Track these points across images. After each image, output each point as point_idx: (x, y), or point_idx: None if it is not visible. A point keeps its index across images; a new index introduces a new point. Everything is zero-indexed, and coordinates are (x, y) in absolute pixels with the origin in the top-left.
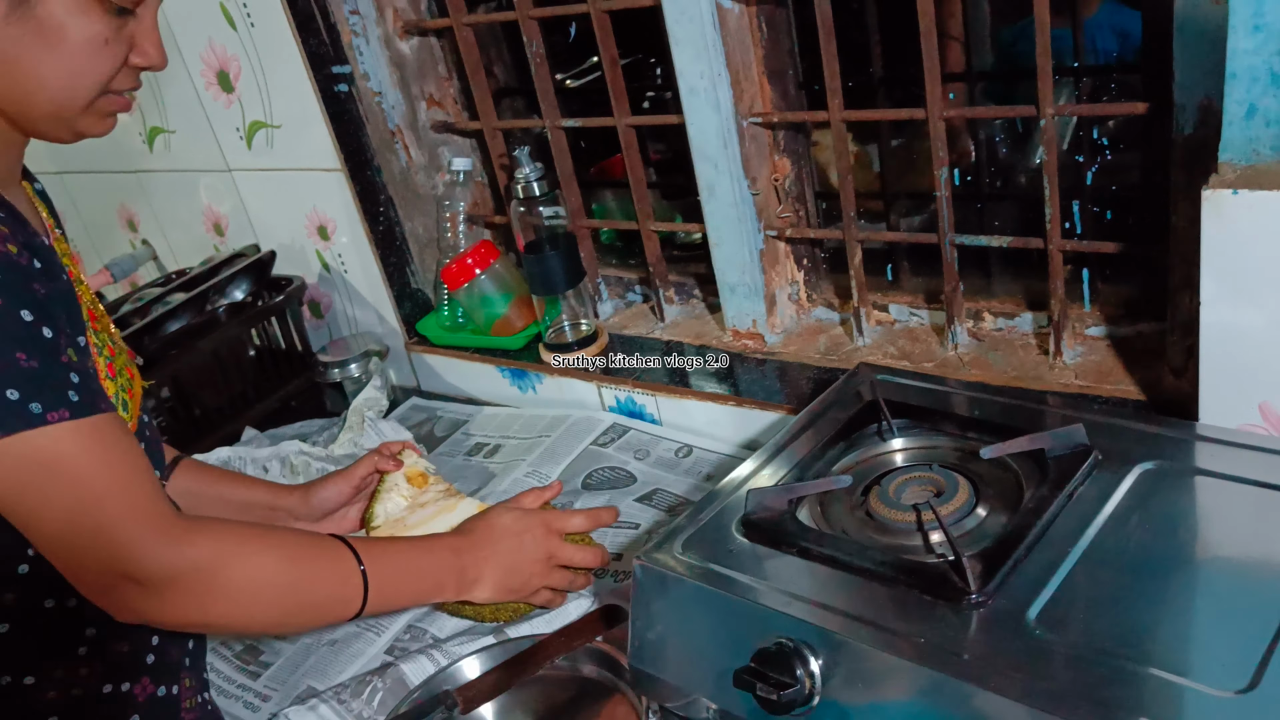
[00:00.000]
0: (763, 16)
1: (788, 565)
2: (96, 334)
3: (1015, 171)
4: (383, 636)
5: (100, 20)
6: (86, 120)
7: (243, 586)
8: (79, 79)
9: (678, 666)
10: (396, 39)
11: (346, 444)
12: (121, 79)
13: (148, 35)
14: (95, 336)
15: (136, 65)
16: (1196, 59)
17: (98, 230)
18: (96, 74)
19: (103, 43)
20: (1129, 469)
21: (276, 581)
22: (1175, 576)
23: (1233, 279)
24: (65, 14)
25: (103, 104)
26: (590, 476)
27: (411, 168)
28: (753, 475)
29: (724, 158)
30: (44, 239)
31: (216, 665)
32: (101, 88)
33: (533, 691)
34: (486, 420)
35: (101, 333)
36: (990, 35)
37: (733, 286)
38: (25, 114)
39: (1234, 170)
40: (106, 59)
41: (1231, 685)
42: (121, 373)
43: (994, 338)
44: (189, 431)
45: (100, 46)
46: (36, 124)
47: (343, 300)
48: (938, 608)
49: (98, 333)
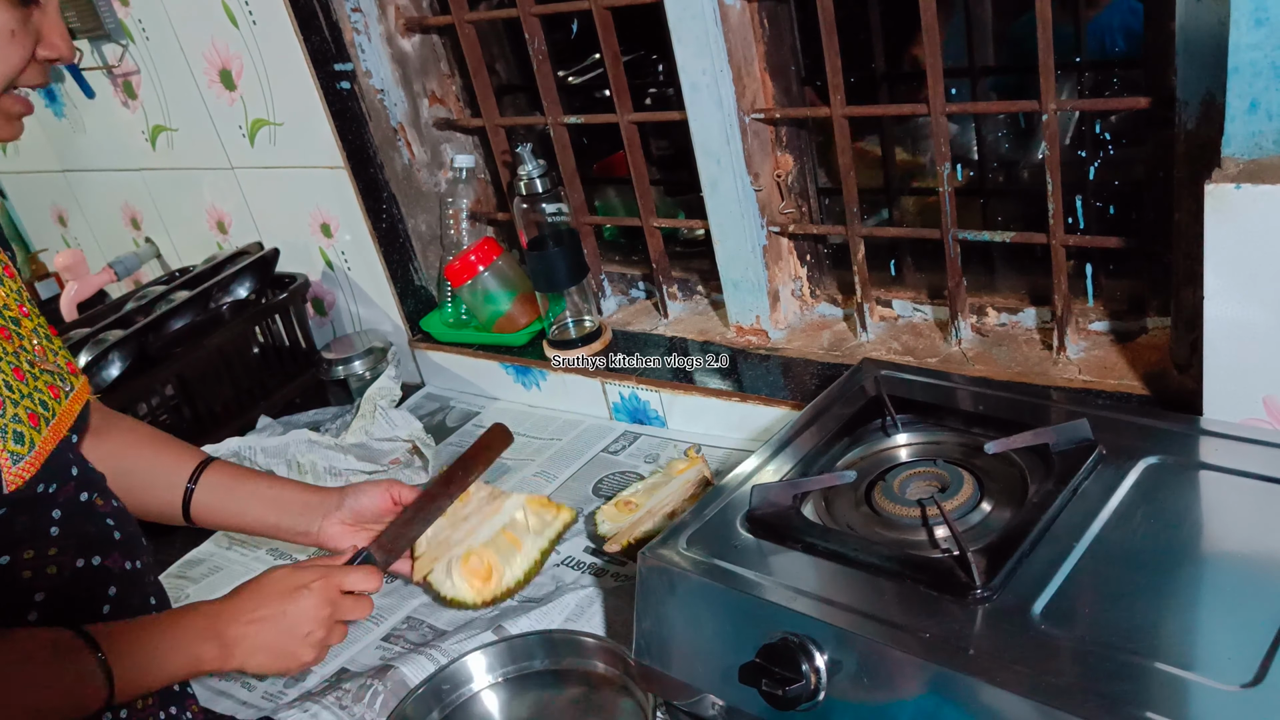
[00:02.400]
0: (764, 12)
1: (793, 561)
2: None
3: (1018, 167)
4: (381, 626)
5: (5, 12)
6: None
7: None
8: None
9: (683, 663)
10: (398, 36)
11: (359, 432)
12: (29, 74)
13: (54, 27)
14: None
15: (44, 58)
16: (1199, 54)
17: (101, 228)
18: (4, 66)
19: (9, 35)
20: (1133, 464)
21: (14, 702)
22: (1180, 571)
23: (1236, 273)
24: None
25: (6, 103)
26: (601, 482)
27: (414, 165)
28: (757, 471)
29: (726, 154)
30: None
31: None
32: (8, 81)
33: (538, 688)
34: (499, 414)
35: None
36: (993, 31)
37: (736, 283)
38: None
39: (1237, 165)
40: (14, 51)
41: (1237, 679)
42: (28, 398)
43: (998, 333)
44: (193, 429)
45: (7, 39)
46: None
47: (346, 298)
48: (943, 603)
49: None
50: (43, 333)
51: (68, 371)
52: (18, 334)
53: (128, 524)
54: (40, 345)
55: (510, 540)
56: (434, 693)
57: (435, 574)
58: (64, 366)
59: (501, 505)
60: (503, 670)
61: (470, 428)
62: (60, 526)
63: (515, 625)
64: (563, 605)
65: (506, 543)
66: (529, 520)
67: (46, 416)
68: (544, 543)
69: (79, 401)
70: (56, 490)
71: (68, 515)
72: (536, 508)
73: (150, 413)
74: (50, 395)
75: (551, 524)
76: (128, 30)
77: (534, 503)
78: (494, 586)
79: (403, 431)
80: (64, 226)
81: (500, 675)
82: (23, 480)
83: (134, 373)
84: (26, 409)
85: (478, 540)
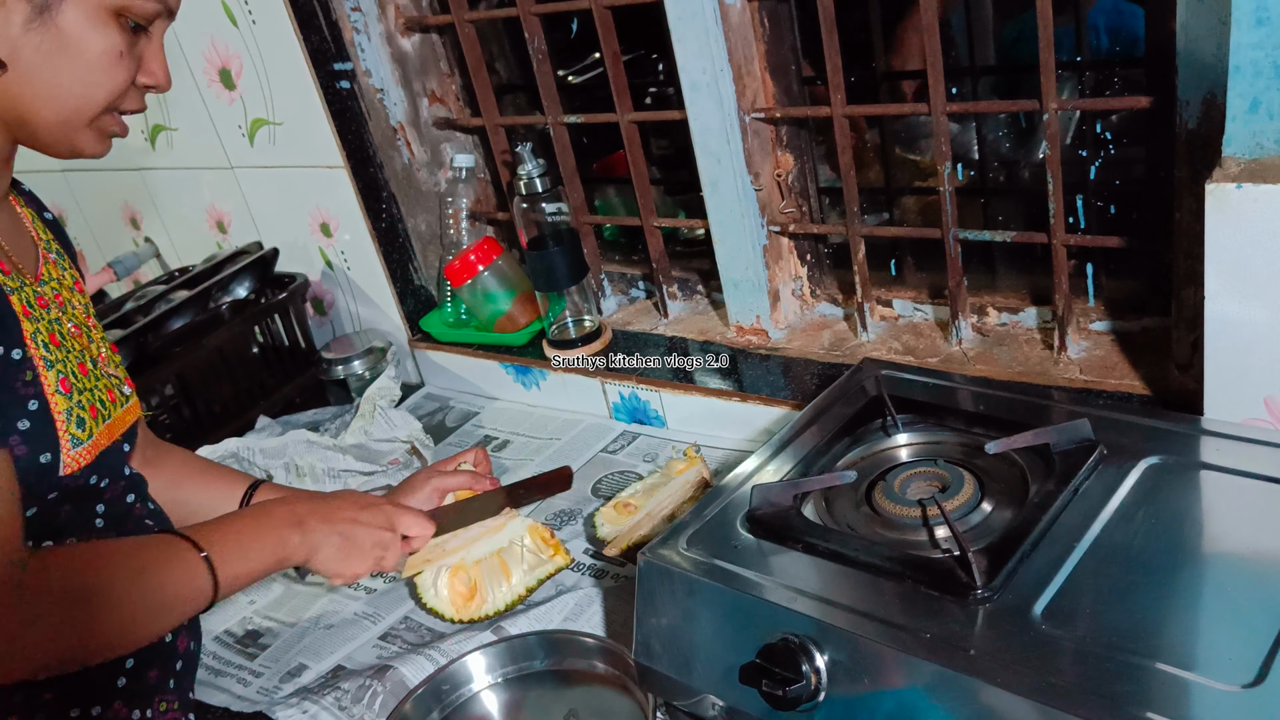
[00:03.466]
0: (765, 11)
1: (793, 561)
2: (55, 349)
3: (1019, 166)
4: (378, 625)
5: (117, 34)
6: (87, 136)
7: (100, 605)
8: (93, 89)
9: (683, 663)
10: (398, 35)
11: (358, 433)
12: (128, 98)
13: (155, 56)
14: (50, 352)
15: (143, 85)
16: (1199, 53)
17: (101, 228)
18: (110, 86)
19: (118, 55)
20: (1134, 464)
21: (129, 595)
22: (1181, 571)
23: (1237, 273)
24: (86, 25)
25: (105, 122)
26: (600, 482)
27: (414, 164)
28: (757, 471)
29: (726, 153)
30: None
31: (209, 646)
32: (111, 101)
33: (538, 689)
34: (497, 414)
35: (70, 349)
36: (993, 30)
37: (736, 282)
38: (30, 121)
39: (1238, 164)
40: (121, 72)
41: (1238, 679)
42: (89, 391)
43: (998, 333)
44: (193, 428)
45: (116, 59)
46: (39, 133)
47: (346, 297)
48: (943, 603)
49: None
50: (106, 346)
51: (125, 384)
52: (89, 337)
53: (164, 525)
54: (104, 354)
55: (502, 567)
56: (433, 693)
57: (423, 576)
58: (122, 379)
59: (504, 526)
60: (502, 670)
61: (469, 428)
62: (104, 520)
63: (515, 625)
64: (562, 605)
65: (498, 568)
66: (525, 552)
67: (105, 414)
68: (532, 581)
69: (132, 414)
70: (107, 486)
71: (111, 513)
72: (536, 541)
73: (150, 412)
74: (109, 399)
75: (544, 564)
76: None
77: (535, 533)
78: (473, 609)
79: (401, 432)
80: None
81: (500, 675)
82: (79, 466)
83: (133, 372)
84: (88, 400)
85: (471, 556)
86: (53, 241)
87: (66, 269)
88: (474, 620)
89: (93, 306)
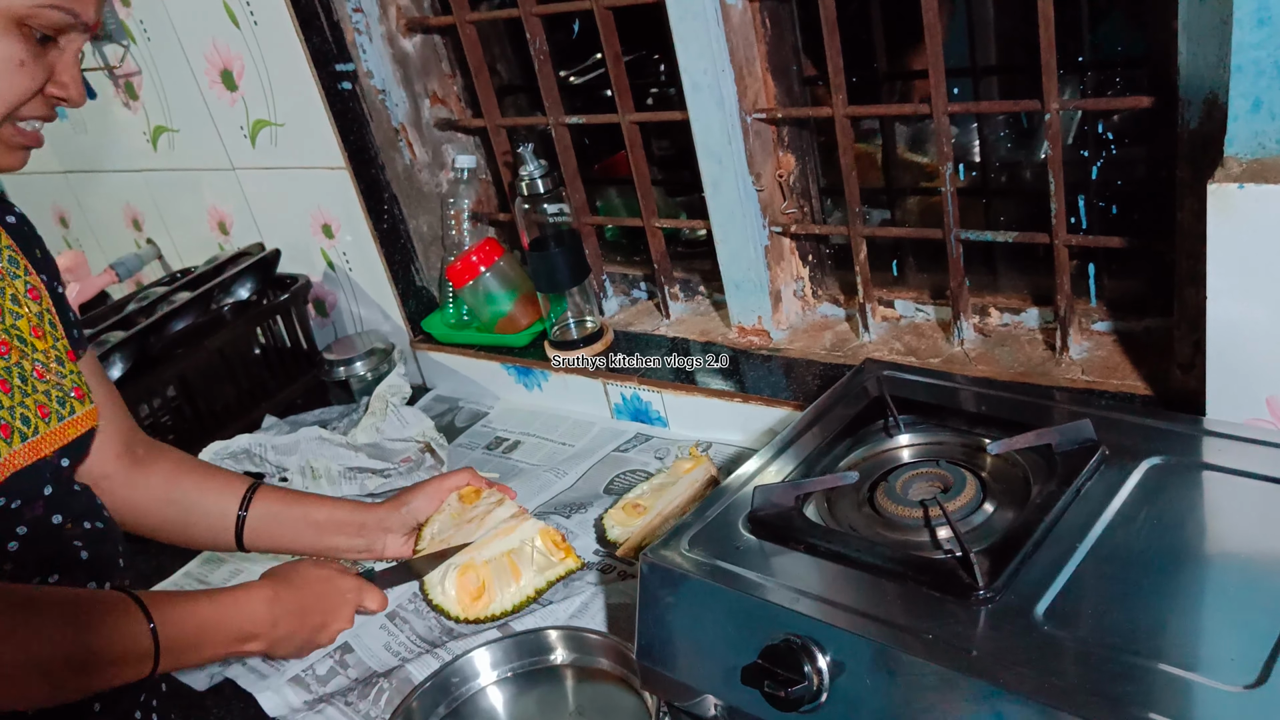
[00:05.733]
0: (766, 12)
1: (795, 562)
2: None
3: (1020, 167)
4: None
5: (19, 43)
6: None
7: (17, 663)
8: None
9: (685, 664)
10: (400, 36)
11: (370, 430)
12: (33, 106)
13: (68, 68)
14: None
15: (53, 96)
16: (1201, 53)
17: (102, 230)
18: (9, 95)
19: (17, 64)
20: (1136, 464)
21: (54, 652)
22: (1183, 572)
23: (1239, 273)
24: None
25: (10, 133)
26: (613, 482)
27: (415, 165)
28: (759, 472)
29: (728, 154)
30: None
31: None
32: (9, 110)
33: (543, 685)
34: (507, 414)
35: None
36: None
37: (738, 283)
38: None
39: (1240, 164)
40: (20, 81)
41: (1240, 680)
42: (5, 410)
43: (1000, 333)
44: (195, 430)
45: (14, 68)
46: None
47: (347, 299)
48: (945, 604)
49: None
50: (55, 356)
51: (73, 397)
52: (21, 351)
53: (103, 545)
54: (43, 368)
55: (511, 568)
56: (440, 688)
57: (431, 574)
58: (70, 391)
59: (516, 528)
60: (508, 666)
61: (479, 428)
62: (20, 543)
63: (521, 622)
64: (568, 602)
65: (507, 569)
66: (535, 554)
67: (24, 432)
68: (541, 583)
69: (76, 427)
70: (21, 507)
71: (32, 535)
72: (547, 544)
73: (152, 414)
74: (38, 414)
75: (554, 566)
76: (129, 31)
77: (546, 536)
78: (480, 609)
79: (414, 430)
80: (65, 228)
81: (506, 671)
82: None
83: (136, 374)
84: (1, 420)
85: (481, 556)
86: (3, 250)
87: (19, 276)
88: (480, 620)
89: (54, 313)
